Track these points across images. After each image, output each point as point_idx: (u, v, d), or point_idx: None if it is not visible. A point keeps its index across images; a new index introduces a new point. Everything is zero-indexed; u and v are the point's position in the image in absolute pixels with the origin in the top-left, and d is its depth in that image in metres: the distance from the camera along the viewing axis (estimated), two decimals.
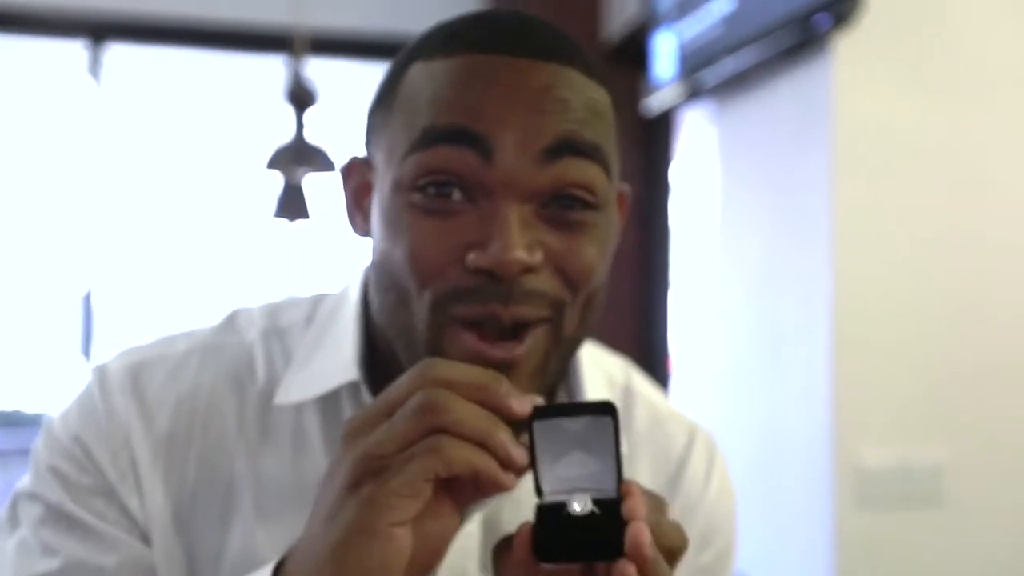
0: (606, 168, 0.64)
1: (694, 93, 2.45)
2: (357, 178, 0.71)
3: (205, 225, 3.68)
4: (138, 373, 0.72)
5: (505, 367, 0.62)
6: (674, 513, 0.69)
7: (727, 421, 2.28)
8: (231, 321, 0.77)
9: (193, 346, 0.74)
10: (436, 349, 0.63)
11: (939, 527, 1.89)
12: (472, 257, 0.61)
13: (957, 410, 1.92)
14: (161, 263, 3.64)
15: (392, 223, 0.64)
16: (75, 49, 3.51)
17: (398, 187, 0.63)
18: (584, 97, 0.64)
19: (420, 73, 0.64)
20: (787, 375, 2.06)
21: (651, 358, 3.15)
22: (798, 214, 2.03)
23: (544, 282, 0.62)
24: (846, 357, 1.88)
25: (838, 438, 1.87)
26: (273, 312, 0.77)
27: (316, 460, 0.70)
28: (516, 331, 0.62)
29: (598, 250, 0.65)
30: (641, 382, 0.84)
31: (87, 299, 3.50)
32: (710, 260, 2.45)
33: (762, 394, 2.17)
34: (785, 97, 2.09)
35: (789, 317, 2.06)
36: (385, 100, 0.67)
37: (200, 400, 0.72)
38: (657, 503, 0.55)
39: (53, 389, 3.55)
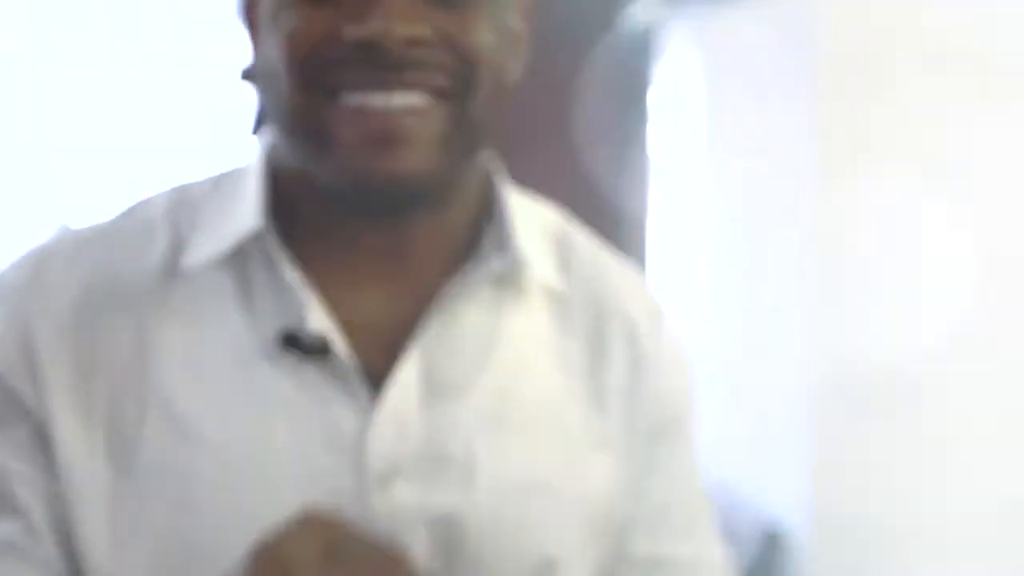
0: None
1: (676, 4, 2.40)
2: None
3: (181, 145, 3.63)
4: (35, 263, 0.69)
5: (397, 135, 0.60)
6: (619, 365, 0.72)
7: (707, 335, 2.30)
8: (131, 208, 0.74)
9: (92, 234, 0.72)
10: (319, 131, 0.62)
11: (917, 433, 1.93)
12: (350, 29, 0.59)
13: (939, 321, 1.94)
14: (135, 187, 3.60)
15: (271, 19, 0.63)
16: None
17: None
18: None
19: None
20: (770, 290, 2.08)
21: None
22: (782, 134, 2.02)
23: (436, 55, 0.61)
24: (829, 273, 1.90)
25: (819, 346, 1.90)
26: (179, 190, 0.74)
27: (231, 324, 0.67)
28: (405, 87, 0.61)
29: (493, 32, 0.62)
30: (577, 232, 0.79)
31: (64, 223, 3.47)
32: (693, 182, 2.44)
33: (744, 306, 2.19)
34: (769, 14, 2.06)
35: (773, 238, 2.07)
36: None
37: (100, 281, 0.68)
38: None
39: None
